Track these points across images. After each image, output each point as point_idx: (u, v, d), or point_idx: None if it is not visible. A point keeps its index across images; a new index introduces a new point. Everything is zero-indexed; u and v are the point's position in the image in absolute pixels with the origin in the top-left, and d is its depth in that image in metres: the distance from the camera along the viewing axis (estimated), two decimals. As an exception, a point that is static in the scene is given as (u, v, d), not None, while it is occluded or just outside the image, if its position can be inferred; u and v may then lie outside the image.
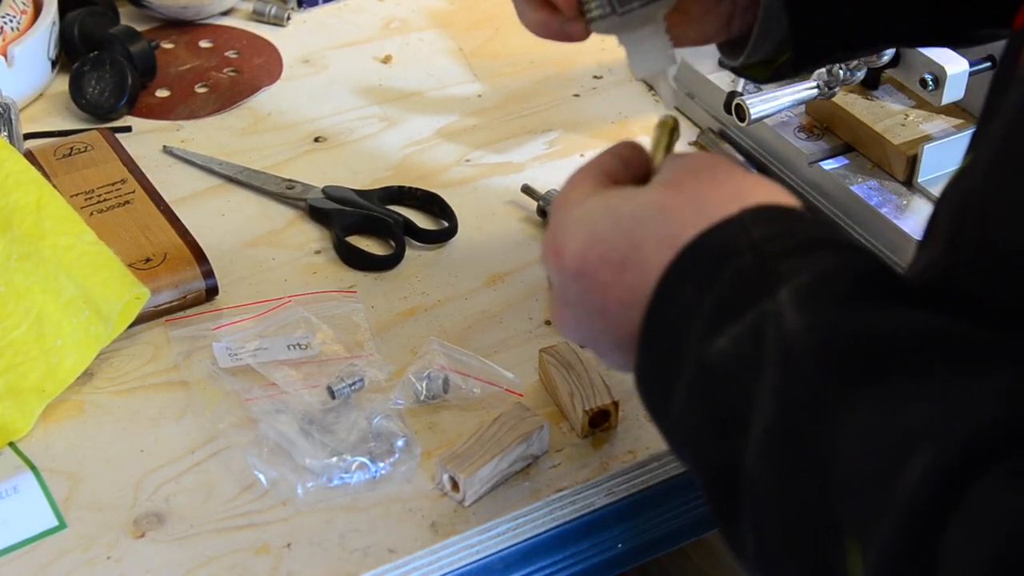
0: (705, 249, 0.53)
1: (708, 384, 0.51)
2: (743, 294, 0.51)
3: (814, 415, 0.47)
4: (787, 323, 0.49)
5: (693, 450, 0.53)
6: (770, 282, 0.51)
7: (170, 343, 0.84)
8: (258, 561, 0.70)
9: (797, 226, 0.54)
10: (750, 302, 0.51)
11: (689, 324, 0.53)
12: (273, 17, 1.18)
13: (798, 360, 0.48)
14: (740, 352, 0.50)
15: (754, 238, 0.52)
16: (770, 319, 0.50)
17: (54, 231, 0.82)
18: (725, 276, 0.52)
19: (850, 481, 0.45)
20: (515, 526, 0.73)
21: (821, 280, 0.50)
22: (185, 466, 0.76)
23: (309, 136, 1.04)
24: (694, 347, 0.52)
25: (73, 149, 0.97)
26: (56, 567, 0.70)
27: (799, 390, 0.48)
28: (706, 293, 0.52)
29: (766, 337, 0.49)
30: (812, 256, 0.52)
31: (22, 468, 0.75)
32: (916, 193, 0.92)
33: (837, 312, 0.49)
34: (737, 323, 0.51)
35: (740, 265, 0.52)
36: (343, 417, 0.77)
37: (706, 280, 0.53)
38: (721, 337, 0.51)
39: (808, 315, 0.49)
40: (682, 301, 0.53)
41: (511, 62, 1.14)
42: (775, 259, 0.52)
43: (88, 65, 1.04)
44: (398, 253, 0.91)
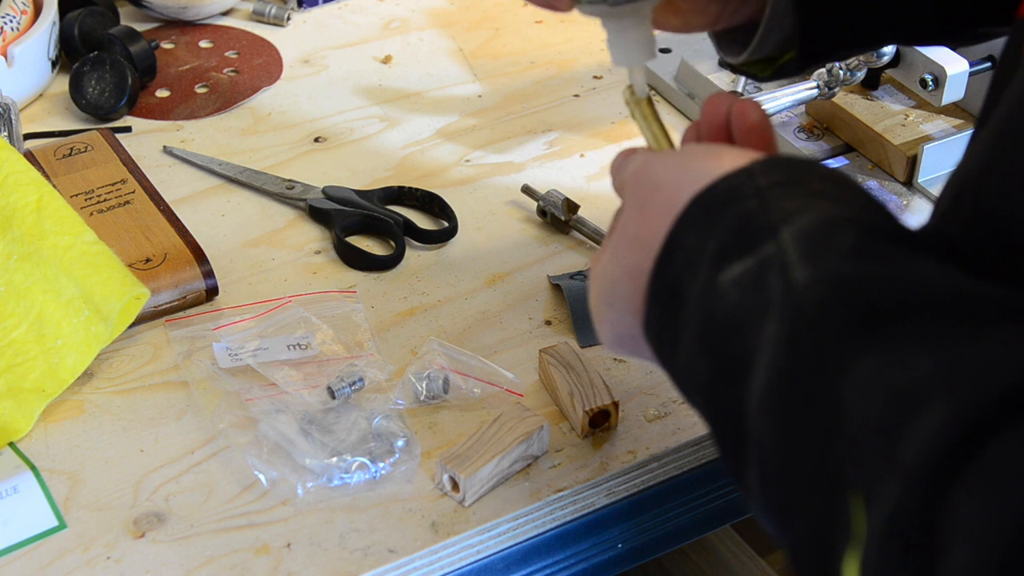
0: (711, 197, 0.54)
1: (713, 332, 0.51)
2: (745, 235, 0.51)
3: (820, 366, 0.47)
4: (793, 274, 0.49)
5: (702, 397, 0.53)
6: (772, 223, 0.51)
7: (170, 343, 0.84)
8: (258, 561, 0.70)
9: (807, 176, 0.54)
10: (751, 244, 0.51)
11: (693, 271, 0.53)
12: (273, 17, 1.18)
13: (804, 312, 0.48)
14: (744, 300, 0.50)
15: (760, 185, 0.52)
16: (774, 266, 0.49)
17: (54, 231, 0.82)
18: (727, 220, 0.52)
19: (856, 433, 0.45)
20: (515, 526, 0.73)
21: (830, 227, 0.50)
22: (185, 466, 0.76)
23: (309, 136, 1.04)
24: (699, 293, 0.52)
25: (73, 149, 0.97)
26: (56, 567, 0.70)
27: (805, 342, 0.47)
28: (707, 237, 0.52)
29: (770, 286, 0.49)
30: (820, 201, 0.51)
31: (22, 468, 0.75)
32: (916, 193, 0.92)
33: (844, 262, 0.49)
34: (738, 264, 0.51)
35: (743, 209, 0.52)
36: (343, 417, 0.77)
37: (708, 226, 0.53)
38: (723, 276, 0.51)
39: (814, 266, 0.49)
40: (686, 248, 0.53)
41: (511, 62, 1.14)
42: (777, 200, 0.51)
43: (88, 65, 1.04)
44: (398, 253, 0.91)
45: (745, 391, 0.49)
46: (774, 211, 0.51)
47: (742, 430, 0.50)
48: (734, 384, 0.50)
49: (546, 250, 0.93)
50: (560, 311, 0.87)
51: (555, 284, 0.88)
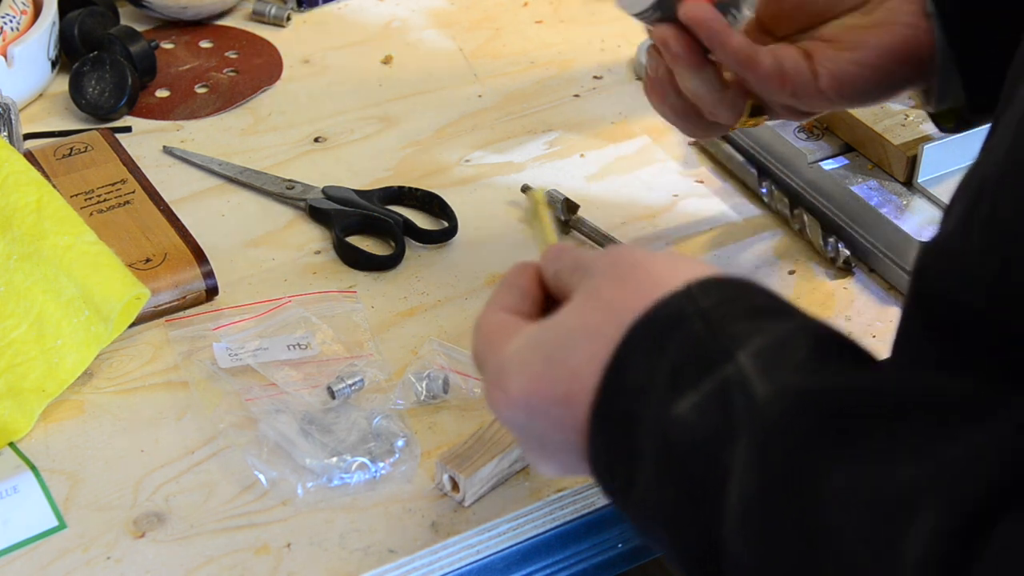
0: (651, 324, 0.52)
1: (676, 457, 0.49)
2: (698, 360, 0.50)
3: (795, 481, 0.45)
4: (754, 390, 0.48)
5: (667, 527, 0.51)
6: (725, 346, 0.49)
7: (170, 343, 0.84)
8: (258, 561, 0.70)
9: (743, 293, 0.53)
10: (707, 368, 0.49)
11: (644, 398, 0.51)
12: (273, 17, 1.18)
13: (771, 429, 0.47)
14: (706, 422, 0.49)
15: (702, 306, 0.51)
16: (734, 385, 0.48)
17: (54, 231, 0.82)
18: (675, 344, 0.51)
19: (844, 550, 0.43)
20: (515, 526, 0.73)
21: (781, 342, 0.49)
22: (185, 466, 0.76)
23: (309, 136, 1.04)
24: (654, 421, 0.50)
25: (73, 149, 0.97)
26: (56, 567, 0.70)
27: (776, 457, 0.46)
28: (657, 363, 0.51)
29: (734, 405, 0.48)
30: (764, 320, 0.51)
31: (22, 468, 0.75)
32: (916, 193, 0.92)
33: (805, 374, 0.48)
34: (696, 390, 0.49)
35: (690, 332, 0.51)
36: (343, 417, 0.77)
37: (655, 351, 0.51)
38: (681, 404, 0.49)
39: (774, 380, 0.48)
40: (632, 377, 0.51)
41: (511, 62, 1.14)
42: (726, 323, 0.50)
43: (88, 65, 1.04)
44: (398, 253, 0.91)
45: (718, 515, 0.48)
46: (724, 333, 0.50)
47: (715, 554, 0.48)
48: (704, 510, 0.49)
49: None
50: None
51: (555, 284, 0.88)
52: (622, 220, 0.95)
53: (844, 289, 0.90)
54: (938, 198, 0.91)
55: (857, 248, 0.92)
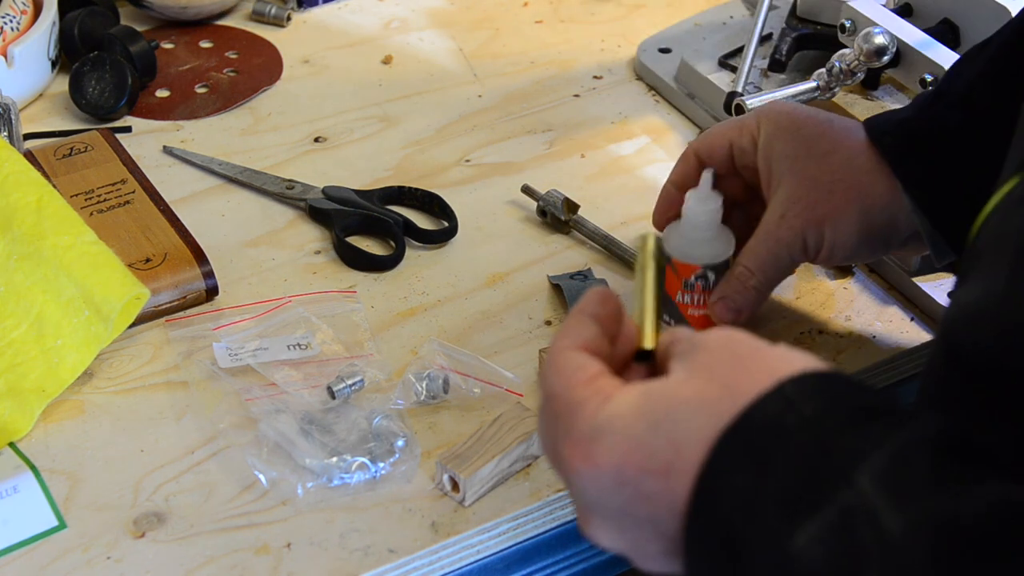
0: (750, 432, 0.49)
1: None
2: (811, 482, 0.47)
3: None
4: (885, 522, 0.45)
5: None
6: (839, 466, 0.47)
7: (170, 343, 0.84)
8: (258, 561, 0.70)
9: (843, 394, 0.50)
10: (823, 493, 0.47)
11: (751, 521, 0.48)
12: (273, 17, 1.18)
13: (908, 564, 0.44)
14: (830, 556, 0.46)
15: (804, 414, 0.49)
16: (859, 515, 0.46)
17: (54, 231, 0.82)
18: (782, 461, 0.48)
19: None
20: (515, 526, 0.73)
21: (901, 461, 0.47)
22: (185, 466, 0.76)
23: (309, 136, 1.04)
24: (767, 551, 0.47)
25: (73, 149, 0.97)
26: (56, 567, 0.70)
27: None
28: (762, 483, 0.48)
29: (860, 537, 0.45)
30: (873, 429, 0.48)
31: (22, 468, 0.75)
32: (916, 193, 0.92)
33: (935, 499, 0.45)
34: (814, 519, 0.46)
35: (797, 447, 0.48)
36: (343, 417, 0.77)
37: (758, 468, 0.48)
38: (799, 536, 0.46)
39: (904, 510, 0.45)
40: (733, 495, 0.48)
41: (511, 62, 1.14)
42: (834, 436, 0.48)
43: (88, 65, 1.04)
44: (398, 253, 0.91)
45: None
46: (837, 451, 0.47)
47: None
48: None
49: (546, 250, 0.93)
50: (560, 311, 0.87)
51: (555, 284, 0.88)
52: (622, 220, 0.95)
53: (844, 289, 0.90)
54: (938, 198, 0.91)
55: (857, 248, 0.91)
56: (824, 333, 0.86)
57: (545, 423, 0.56)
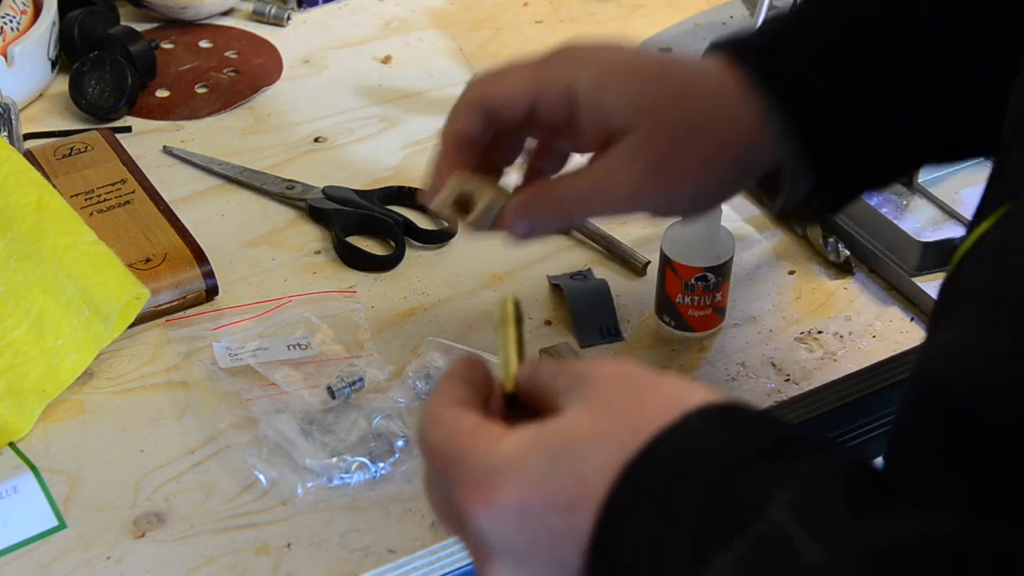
0: (656, 467, 0.46)
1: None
2: (721, 516, 0.45)
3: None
4: (802, 551, 0.43)
5: None
6: (751, 498, 0.45)
7: (170, 343, 0.84)
8: (258, 561, 0.70)
9: (750, 425, 0.48)
10: (735, 525, 0.44)
11: (656, 562, 0.46)
12: (273, 17, 1.18)
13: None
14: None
15: (711, 446, 0.46)
16: (774, 545, 0.44)
17: (54, 231, 0.82)
18: (689, 496, 0.45)
19: None
20: (515, 526, 0.73)
21: (815, 491, 0.45)
22: (185, 466, 0.76)
23: (309, 136, 1.04)
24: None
25: (73, 149, 0.97)
26: (56, 567, 0.70)
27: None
28: (668, 520, 0.45)
29: (776, 567, 0.44)
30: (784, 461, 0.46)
31: (22, 468, 0.75)
32: (916, 193, 0.92)
33: (853, 528, 0.44)
34: (725, 552, 0.44)
35: (705, 481, 0.45)
36: (343, 417, 0.77)
37: (663, 504, 0.46)
38: (710, 572, 0.44)
39: (822, 538, 0.43)
40: (639, 534, 0.46)
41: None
42: (743, 469, 0.46)
43: (88, 65, 1.04)
44: (398, 253, 0.91)
45: None
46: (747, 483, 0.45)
47: None
48: None
49: (546, 250, 0.93)
50: (560, 311, 0.87)
51: (555, 284, 0.88)
52: (622, 220, 0.95)
53: (844, 289, 0.90)
54: (938, 198, 0.91)
55: (857, 248, 0.92)
56: (824, 333, 0.86)
57: (433, 482, 0.53)
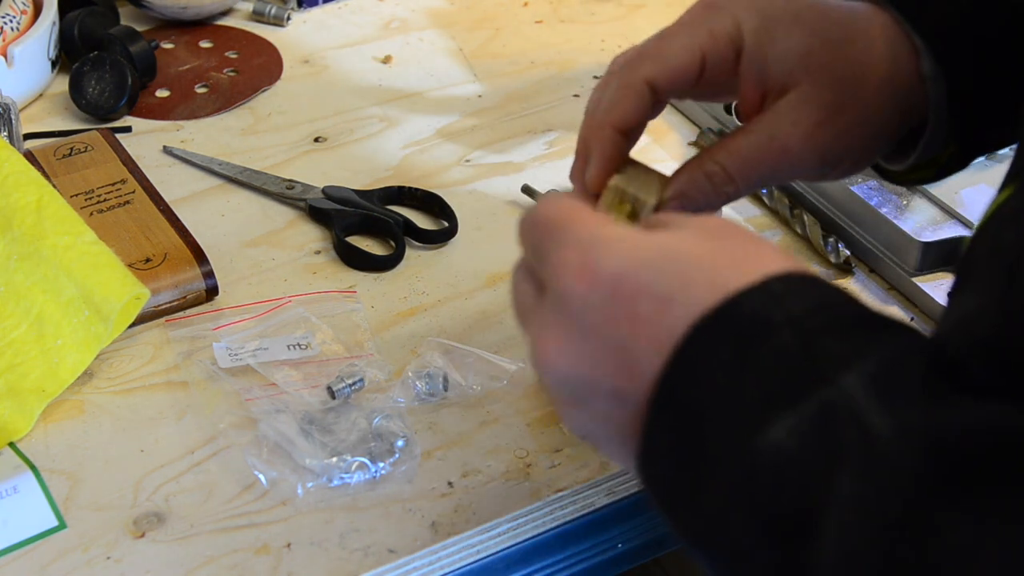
0: (734, 322, 0.46)
1: (760, 486, 0.44)
2: (792, 379, 0.45)
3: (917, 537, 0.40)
4: (870, 422, 0.42)
5: (731, 561, 0.46)
6: (825, 366, 0.44)
7: (170, 343, 0.84)
8: (258, 561, 0.70)
9: (831, 297, 0.48)
10: (803, 389, 0.44)
11: (724, 408, 0.45)
12: (273, 17, 1.18)
13: (896, 471, 0.42)
14: (804, 452, 0.43)
15: (791, 312, 0.46)
16: (842, 413, 0.43)
17: (54, 231, 0.82)
18: (764, 355, 0.45)
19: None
20: (515, 526, 0.73)
21: (893, 367, 0.44)
22: (185, 466, 0.76)
23: (309, 136, 1.04)
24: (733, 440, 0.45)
25: (73, 149, 0.97)
26: (56, 567, 0.70)
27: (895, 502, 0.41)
28: (741, 373, 0.45)
29: (840, 435, 0.43)
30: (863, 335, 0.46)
31: (22, 468, 0.75)
32: (916, 193, 0.92)
33: (928, 408, 0.43)
34: (791, 414, 0.44)
35: (781, 344, 0.45)
36: (343, 417, 0.77)
37: (739, 359, 0.45)
38: (771, 429, 0.44)
39: (895, 413, 0.42)
40: (710, 379, 0.46)
41: (511, 62, 1.14)
42: (820, 337, 0.45)
43: (88, 65, 1.04)
44: (398, 253, 0.91)
45: (807, 554, 0.43)
46: (822, 351, 0.45)
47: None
48: (789, 545, 0.43)
49: (546, 250, 0.93)
50: (560, 311, 0.87)
51: (555, 284, 0.88)
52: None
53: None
54: (938, 198, 0.91)
55: (857, 248, 0.92)
56: (824, 333, 0.86)
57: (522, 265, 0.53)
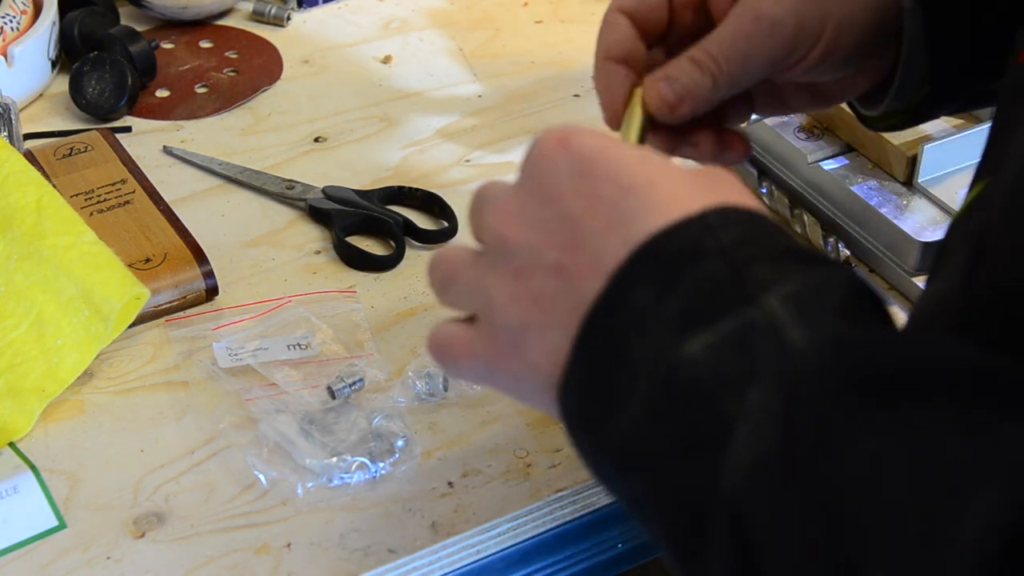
0: (664, 251, 0.47)
1: (674, 399, 0.45)
2: (715, 300, 0.46)
3: (825, 437, 0.41)
4: (787, 335, 0.44)
5: (648, 471, 0.46)
6: (747, 288, 0.45)
7: (170, 343, 0.84)
8: (258, 561, 0.70)
9: (765, 231, 0.48)
10: (725, 309, 0.45)
11: (645, 331, 0.46)
12: (273, 17, 1.18)
13: (807, 379, 0.43)
14: (720, 365, 0.44)
15: (722, 242, 0.47)
16: (760, 330, 0.44)
17: (54, 231, 0.82)
18: (690, 280, 0.46)
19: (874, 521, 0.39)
20: (515, 526, 0.73)
21: (813, 288, 0.45)
22: (185, 466, 0.76)
23: (309, 136, 1.04)
24: (653, 358, 0.46)
25: (73, 149, 0.97)
26: (56, 567, 0.70)
27: (805, 410, 0.42)
28: (666, 298, 0.46)
29: (757, 350, 0.44)
30: (790, 265, 0.47)
31: (22, 468, 0.75)
32: (916, 193, 0.92)
33: (843, 323, 0.44)
34: (710, 331, 0.45)
35: (709, 269, 0.46)
36: (343, 417, 0.77)
37: (666, 284, 0.46)
38: (689, 346, 0.45)
39: (813, 328, 0.44)
40: (634, 306, 0.47)
41: (511, 62, 1.14)
42: (748, 265, 0.46)
43: (88, 65, 1.04)
44: (398, 253, 0.91)
45: (718, 464, 0.43)
46: (749, 276, 0.46)
47: (708, 508, 0.44)
48: (701, 456, 0.44)
49: (546, 250, 0.93)
50: (560, 311, 0.87)
51: (555, 284, 0.88)
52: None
53: (844, 289, 0.90)
54: (938, 198, 0.91)
55: (857, 248, 0.92)
56: (824, 333, 0.86)
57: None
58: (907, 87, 0.68)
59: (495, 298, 0.51)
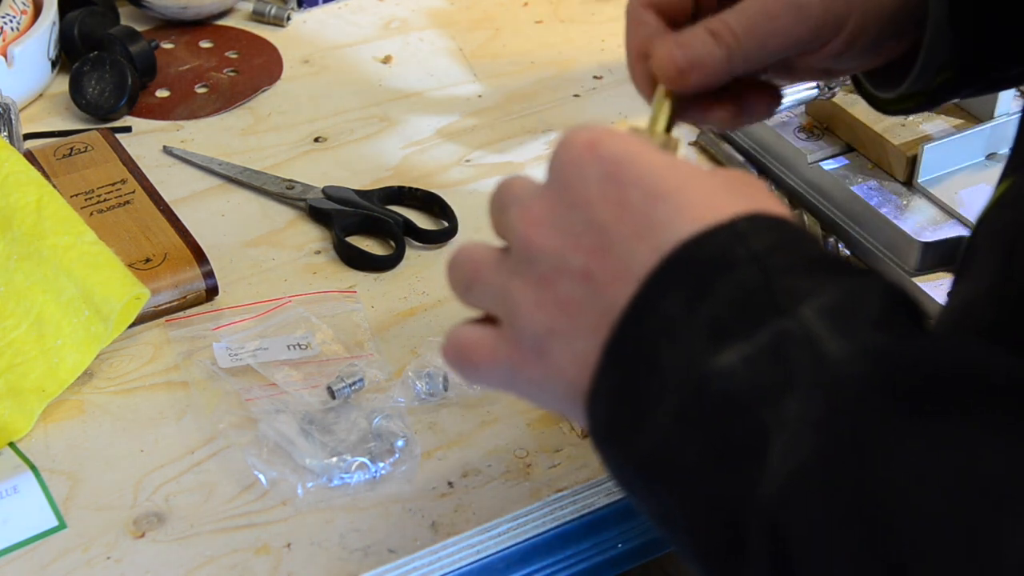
0: (695, 259, 0.47)
1: (708, 410, 0.44)
2: (748, 311, 0.45)
3: (866, 452, 0.41)
4: (825, 347, 0.43)
5: (678, 484, 0.46)
6: (782, 299, 0.45)
7: (170, 343, 0.84)
8: (258, 561, 0.70)
9: (796, 239, 0.48)
10: (759, 319, 0.45)
11: (675, 339, 0.46)
12: (273, 17, 1.18)
13: (845, 389, 0.42)
14: (755, 376, 0.44)
15: (754, 250, 0.46)
16: (797, 341, 0.44)
17: (54, 231, 0.82)
18: (722, 290, 0.46)
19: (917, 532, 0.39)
20: (515, 526, 0.73)
21: (850, 299, 0.45)
22: (185, 466, 0.76)
23: (309, 136, 1.04)
24: (685, 367, 0.45)
25: (73, 149, 0.97)
26: (56, 567, 0.70)
27: (844, 422, 0.42)
28: (698, 308, 0.46)
29: (792, 361, 0.43)
30: (823, 274, 0.46)
31: (22, 468, 0.75)
32: (916, 193, 0.92)
33: (881, 333, 0.43)
34: (745, 342, 0.44)
35: (740, 278, 0.46)
36: (343, 417, 0.77)
37: (697, 294, 0.46)
38: (723, 356, 0.44)
39: (851, 339, 0.43)
40: (664, 315, 0.46)
41: (511, 62, 1.14)
42: (781, 273, 0.45)
43: (88, 65, 1.04)
44: (398, 253, 0.91)
45: (755, 474, 0.43)
46: (781, 286, 0.45)
47: (744, 517, 0.43)
48: (738, 466, 0.44)
49: (546, 250, 0.93)
50: (560, 311, 0.87)
51: (555, 284, 0.88)
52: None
53: (844, 289, 0.90)
54: (938, 198, 0.91)
55: (857, 248, 0.92)
56: (824, 333, 0.86)
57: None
58: (928, 71, 0.66)
59: (520, 303, 0.51)
